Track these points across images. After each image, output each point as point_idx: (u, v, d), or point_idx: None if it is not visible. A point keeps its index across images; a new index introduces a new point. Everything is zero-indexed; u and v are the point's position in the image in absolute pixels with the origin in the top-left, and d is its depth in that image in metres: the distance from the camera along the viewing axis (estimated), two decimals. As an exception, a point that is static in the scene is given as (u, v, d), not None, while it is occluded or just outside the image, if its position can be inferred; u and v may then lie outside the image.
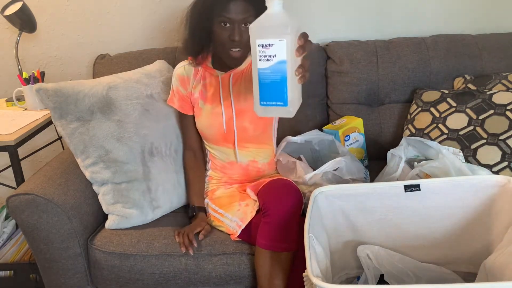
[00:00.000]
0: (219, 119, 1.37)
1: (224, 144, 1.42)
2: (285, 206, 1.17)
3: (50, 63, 1.96)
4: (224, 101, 1.37)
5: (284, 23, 0.92)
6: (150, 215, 1.38)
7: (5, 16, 1.71)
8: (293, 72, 0.95)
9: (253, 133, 1.40)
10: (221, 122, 1.37)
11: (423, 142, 1.36)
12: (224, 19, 1.22)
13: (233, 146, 1.41)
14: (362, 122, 1.60)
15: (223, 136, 1.39)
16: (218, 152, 1.44)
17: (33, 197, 1.24)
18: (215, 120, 1.38)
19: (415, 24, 1.85)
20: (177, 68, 1.43)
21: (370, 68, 1.70)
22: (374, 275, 1.11)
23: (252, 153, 1.43)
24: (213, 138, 1.42)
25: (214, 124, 1.38)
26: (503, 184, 1.07)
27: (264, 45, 0.92)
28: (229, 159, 1.44)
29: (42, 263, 1.32)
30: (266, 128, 1.43)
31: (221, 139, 1.41)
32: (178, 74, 1.41)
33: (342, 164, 1.32)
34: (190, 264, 1.27)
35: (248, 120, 1.38)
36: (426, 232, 1.14)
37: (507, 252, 0.98)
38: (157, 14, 1.88)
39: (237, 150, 1.41)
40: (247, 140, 1.41)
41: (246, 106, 1.37)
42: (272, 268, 1.17)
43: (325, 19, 1.86)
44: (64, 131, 1.33)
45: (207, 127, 1.40)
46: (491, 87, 1.57)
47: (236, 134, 1.38)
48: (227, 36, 1.23)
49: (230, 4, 1.20)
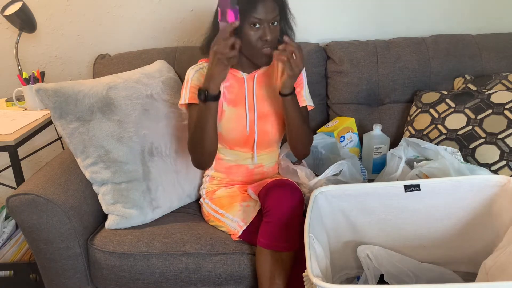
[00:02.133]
0: (243, 122, 1.35)
1: (242, 148, 1.39)
2: (287, 205, 1.17)
3: (50, 63, 1.96)
4: (248, 103, 1.36)
5: None
6: (150, 215, 1.38)
7: (5, 16, 1.71)
8: None
9: (272, 137, 1.39)
10: (244, 125, 1.35)
11: (420, 145, 1.36)
12: (255, 20, 1.22)
13: (251, 149, 1.39)
14: (354, 122, 1.61)
15: (244, 139, 1.37)
16: (228, 154, 1.42)
17: (33, 197, 1.24)
18: (239, 123, 1.35)
19: (415, 24, 1.85)
20: (195, 68, 1.34)
21: (370, 68, 1.70)
22: (374, 275, 1.12)
23: (263, 158, 1.43)
24: (233, 141, 1.38)
25: (237, 127, 1.35)
26: (503, 184, 1.07)
27: None
28: (237, 162, 1.42)
29: (42, 263, 1.32)
30: (283, 133, 1.41)
31: (242, 142, 1.38)
32: (199, 72, 1.33)
33: (345, 167, 1.32)
34: (190, 264, 1.28)
35: (270, 124, 1.37)
36: (426, 232, 1.14)
37: (507, 252, 0.98)
38: (157, 14, 1.88)
39: (256, 154, 1.39)
40: (265, 144, 1.40)
41: (269, 110, 1.37)
42: (273, 268, 1.17)
43: (325, 19, 1.86)
44: (64, 131, 1.33)
45: (230, 131, 1.35)
46: (491, 87, 1.57)
47: (256, 137, 1.37)
48: (258, 37, 1.24)
49: (260, 5, 1.21)
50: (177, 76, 1.63)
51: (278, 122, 1.38)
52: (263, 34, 1.23)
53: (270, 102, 1.38)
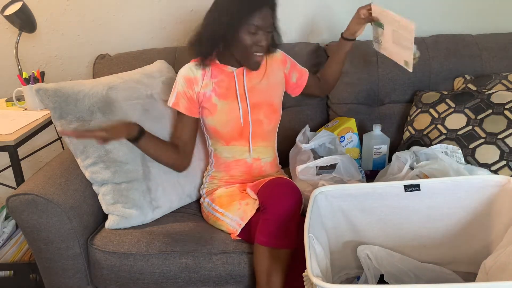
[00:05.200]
0: (236, 113, 1.38)
1: (237, 141, 1.42)
2: (284, 203, 1.18)
3: (50, 63, 1.96)
4: (239, 94, 1.39)
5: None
6: (150, 215, 1.38)
7: (5, 16, 1.71)
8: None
9: (266, 127, 1.43)
10: (237, 116, 1.38)
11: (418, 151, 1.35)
12: (252, 28, 1.26)
13: (247, 142, 1.42)
14: (354, 122, 1.61)
15: (239, 130, 1.40)
16: (225, 151, 1.44)
17: (33, 197, 1.24)
18: (232, 115, 1.38)
19: (415, 24, 1.85)
20: (182, 71, 1.39)
21: (370, 68, 1.70)
22: (374, 275, 1.12)
23: (259, 151, 1.45)
24: (228, 134, 1.40)
25: (231, 119, 1.38)
26: (503, 184, 1.07)
27: None
28: (235, 158, 1.44)
29: (42, 263, 1.32)
30: (277, 123, 1.47)
31: (237, 135, 1.40)
32: (185, 77, 1.37)
33: (339, 163, 1.34)
34: (190, 263, 1.28)
35: (263, 113, 1.41)
36: (426, 232, 1.14)
37: (507, 252, 0.98)
38: (157, 14, 1.88)
39: (251, 145, 1.42)
40: (260, 135, 1.43)
41: (260, 100, 1.41)
42: (271, 265, 1.17)
43: (325, 19, 1.86)
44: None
45: (225, 124, 1.38)
46: (491, 87, 1.57)
47: (251, 127, 1.40)
48: (252, 42, 1.28)
49: (258, 13, 1.24)
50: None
51: (271, 112, 1.43)
52: (258, 39, 1.28)
53: (261, 92, 1.41)
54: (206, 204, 1.42)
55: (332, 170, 1.37)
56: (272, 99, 1.43)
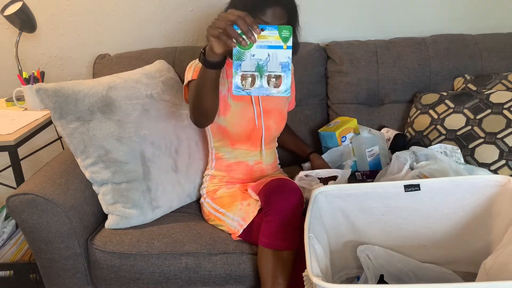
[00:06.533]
0: (248, 116, 1.38)
1: (243, 144, 1.42)
2: (287, 204, 1.17)
3: (50, 63, 1.96)
4: (254, 98, 1.39)
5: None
6: (150, 215, 1.38)
7: (5, 16, 1.71)
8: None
9: (274, 133, 1.45)
10: (249, 119, 1.38)
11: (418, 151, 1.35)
12: (261, 23, 1.21)
13: (253, 145, 1.43)
14: (356, 122, 1.61)
15: (249, 133, 1.39)
16: (228, 153, 1.44)
17: (33, 197, 1.24)
18: (245, 117, 1.38)
19: (415, 24, 1.85)
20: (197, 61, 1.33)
21: (370, 68, 1.70)
22: (374, 275, 1.12)
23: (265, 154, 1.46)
24: (237, 136, 1.40)
25: (243, 121, 1.38)
26: (503, 184, 1.07)
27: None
28: (237, 159, 1.44)
29: (42, 263, 1.32)
30: (282, 130, 1.49)
31: (245, 138, 1.40)
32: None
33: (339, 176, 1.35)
34: (190, 263, 1.28)
35: (273, 119, 1.42)
36: (426, 232, 1.14)
37: (507, 252, 0.98)
38: (157, 14, 1.88)
39: (264, 148, 1.44)
40: (267, 139, 1.44)
41: (272, 106, 1.42)
42: (275, 267, 1.17)
43: (325, 19, 1.86)
44: (64, 131, 1.33)
45: (236, 124, 1.38)
46: (491, 87, 1.57)
47: (264, 132, 1.41)
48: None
49: (269, 10, 1.21)
50: (177, 76, 1.63)
51: (280, 119, 1.45)
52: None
53: (273, 99, 1.42)
54: (207, 204, 1.42)
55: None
56: (281, 107, 1.46)
